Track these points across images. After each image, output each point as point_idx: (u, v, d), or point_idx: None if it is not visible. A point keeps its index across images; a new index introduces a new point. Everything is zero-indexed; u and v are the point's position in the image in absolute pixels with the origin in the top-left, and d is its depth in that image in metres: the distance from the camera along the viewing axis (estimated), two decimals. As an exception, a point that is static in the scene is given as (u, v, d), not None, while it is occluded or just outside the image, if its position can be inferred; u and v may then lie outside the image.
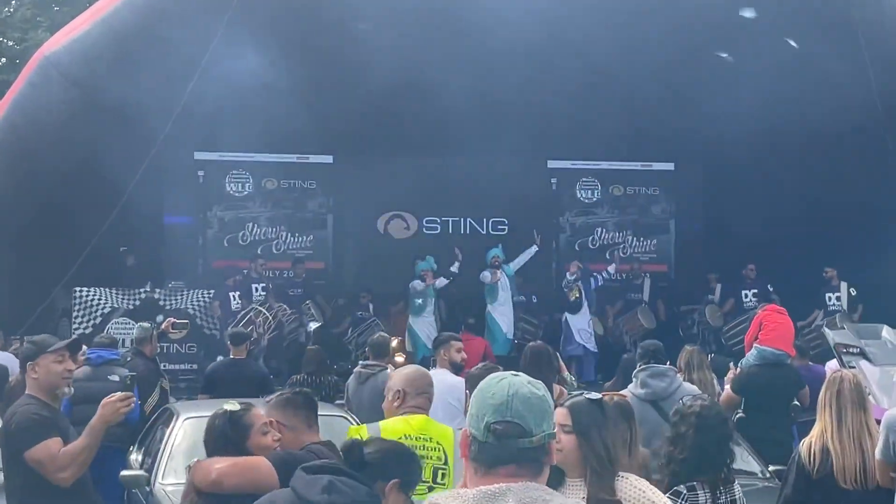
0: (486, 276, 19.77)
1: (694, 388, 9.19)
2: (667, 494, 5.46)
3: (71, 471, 6.34)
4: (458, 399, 8.65)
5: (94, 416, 6.46)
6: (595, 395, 5.12)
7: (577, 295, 20.35)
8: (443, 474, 5.86)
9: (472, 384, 6.53)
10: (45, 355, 6.61)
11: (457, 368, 10.09)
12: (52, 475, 6.32)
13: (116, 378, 10.88)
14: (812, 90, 17.82)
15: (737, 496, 6.15)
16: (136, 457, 11.03)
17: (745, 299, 20.44)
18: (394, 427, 5.87)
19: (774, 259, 20.78)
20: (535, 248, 20.55)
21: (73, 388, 9.12)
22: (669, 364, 9.68)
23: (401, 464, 4.75)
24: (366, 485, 4.27)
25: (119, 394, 6.46)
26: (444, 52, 18.41)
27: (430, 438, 5.98)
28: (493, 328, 19.54)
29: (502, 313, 19.76)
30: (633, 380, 9.21)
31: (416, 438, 5.72)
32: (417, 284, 19.67)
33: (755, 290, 20.36)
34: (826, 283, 19.80)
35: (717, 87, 18.45)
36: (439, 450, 5.92)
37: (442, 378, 7.88)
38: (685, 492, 5.99)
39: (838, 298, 19.27)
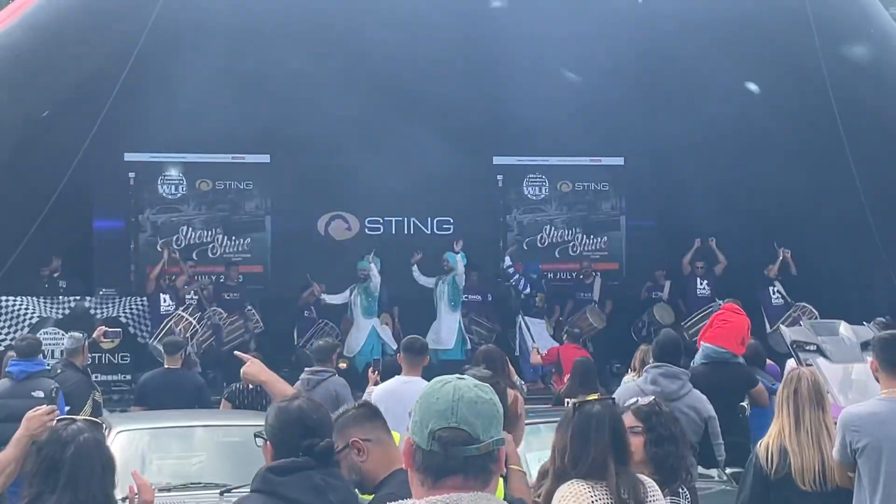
0: (428, 280, 19.35)
1: (702, 397, 8.99)
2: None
3: None
4: None
5: (19, 429, 6.00)
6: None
7: (544, 302, 20.65)
8: None
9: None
10: None
11: None
12: None
13: (41, 394, 10.27)
14: (763, 80, 17.64)
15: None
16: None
17: (699, 286, 20.47)
18: None
19: (726, 252, 20.68)
20: (460, 255, 20.04)
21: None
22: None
23: None
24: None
25: (44, 407, 5.97)
26: (386, 47, 18.25)
27: None
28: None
29: (445, 320, 19.51)
30: (644, 374, 9.03)
31: None
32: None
33: (707, 281, 20.37)
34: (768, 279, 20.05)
35: (667, 81, 18.21)
36: None
37: (417, 386, 7.32)
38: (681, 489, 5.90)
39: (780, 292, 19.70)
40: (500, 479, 4.55)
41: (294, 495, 4.26)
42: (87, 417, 4.99)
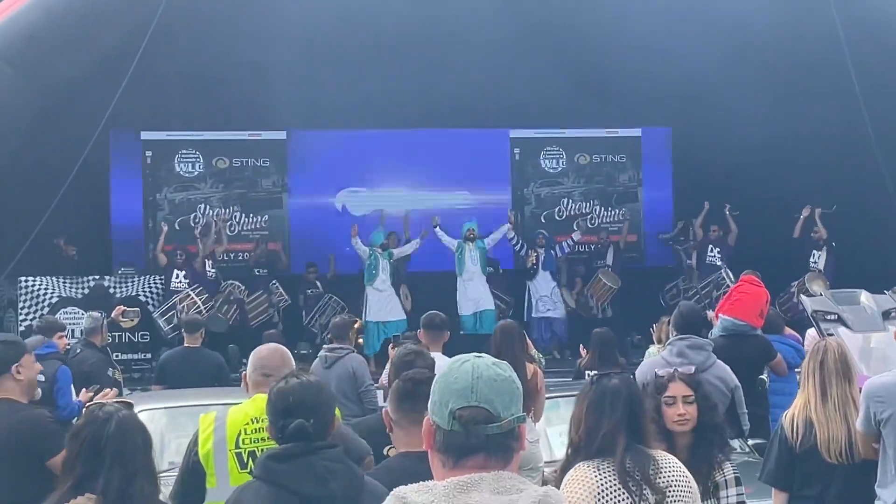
0: (452, 242, 19.14)
1: (727, 368, 8.88)
2: None
3: None
4: None
5: None
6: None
7: (534, 262, 19.89)
8: None
9: (394, 366, 6.61)
10: (28, 355, 6.51)
11: None
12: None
13: (42, 378, 10.24)
14: (779, 45, 17.43)
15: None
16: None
17: (709, 253, 20.33)
18: (242, 410, 5.48)
19: (744, 223, 20.50)
20: (507, 226, 19.88)
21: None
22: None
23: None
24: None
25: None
26: (402, 21, 18.04)
27: None
28: (460, 303, 19.04)
29: (471, 287, 19.16)
30: (669, 347, 8.87)
31: (263, 420, 5.23)
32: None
33: (719, 249, 20.26)
34: (812, 242, 19.82)
35: (683, 48, 18.04)
36: None
37: (439, 361, 7.28)
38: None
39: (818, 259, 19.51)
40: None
41: (295, 485, 4.22)
42: (119, 399, 4.99)
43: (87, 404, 4.91)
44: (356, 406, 10.82)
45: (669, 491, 4.72)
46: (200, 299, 17.92)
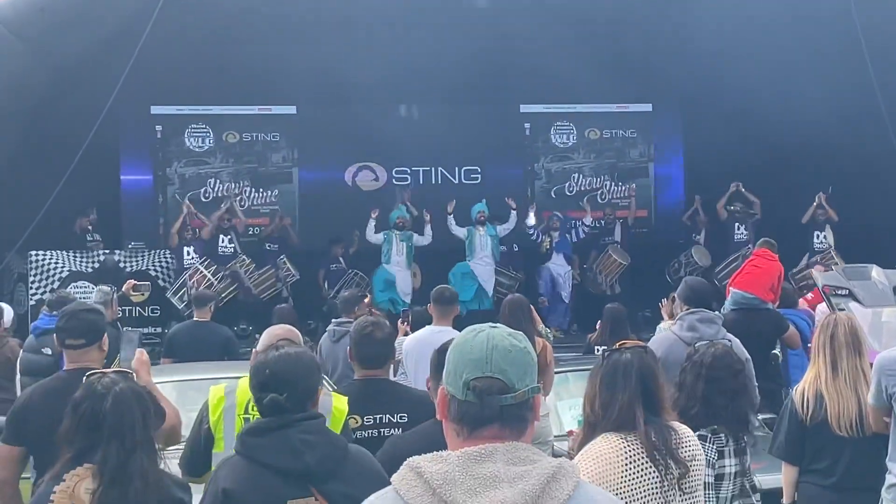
0: (461, 231, 19.13)
1: (737, 341, 8.76)
2: None
3: None
4: None
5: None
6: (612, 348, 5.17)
7: (548, 246, 19.87)
8: None
9: (353, 339, 6.68)
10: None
11: None
12: None
13: (49, 351, 10.29)
14: (792, 20, 17.43)
15: (745, 442, 6.01)
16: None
17: (736, 231, 20.17)
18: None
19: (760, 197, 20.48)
20: (514, 214, 19.83)
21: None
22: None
23: None
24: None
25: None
26: None
27: None
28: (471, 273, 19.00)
29: (482, 270, 19.19)
30: (679, 322, 8.73)
31: None
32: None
33: (744, 227, 20.15)
34: (816, 223, 19.71)
35: (694, 23, 17.96)
36: None
37: (448, 336, 7.28)
38: (710, 435, 5.84)
39: (825, 237, 19.40)
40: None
41: (269, 459, 4.20)
42: (119, 368, 4.98)
43: (88, 374, 4.90)
44: (364, 380, 10.83)
45: (692, 465, 4.77)
46: (209, 271, 17.92)
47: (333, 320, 11.64)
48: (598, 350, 11.46)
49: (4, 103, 17.14)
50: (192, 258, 18.63)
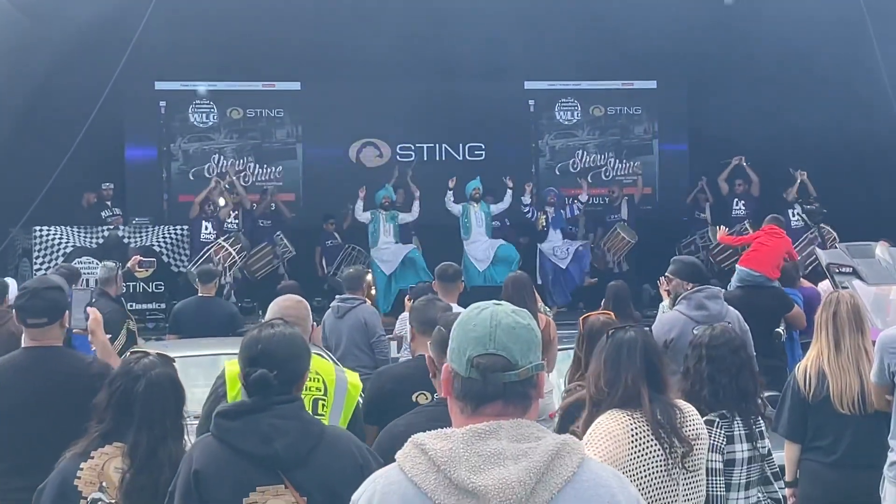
0: (456, 208, 19.05)
1: (738, 315, 8.82)
2: None
3: None
4: None
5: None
6: (618, 327, 5.17)
7: (544, 223, 19.81)
8: (322, 405, 5.52)
9: (415, 317, 6.47)
10: None
11: None
12: None
13: None
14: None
15: (762, 427, 5.95)
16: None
17: (735, 207, 20.18)
18: None
19: (760, 175, 20.36)
20: (510, 193, 19.72)
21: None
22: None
23: None
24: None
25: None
26: None
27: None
28: (467, 264, 18.83)
29: (477, 248, 19.12)
30: (685, 301, 8.71)
31: None
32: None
33: (744, 202, 20.12)
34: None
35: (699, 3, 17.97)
36: (318, 380, 5.50)
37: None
38: (718, 420, 5.80)
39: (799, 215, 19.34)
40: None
41: (238, 443, 4.08)
42: (160, 352, 4.94)
43: (132, 351, 4.89)
44: (368, 356, 10.86)
45: (696, 444, 4.81)
46: (234, 249, 17.91)
47: (337, 297, 11.66)
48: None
49: (8, 79, 17.11)
50: (210, 233, 18.60)
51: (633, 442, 4.66)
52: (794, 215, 19.29)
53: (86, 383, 5.65)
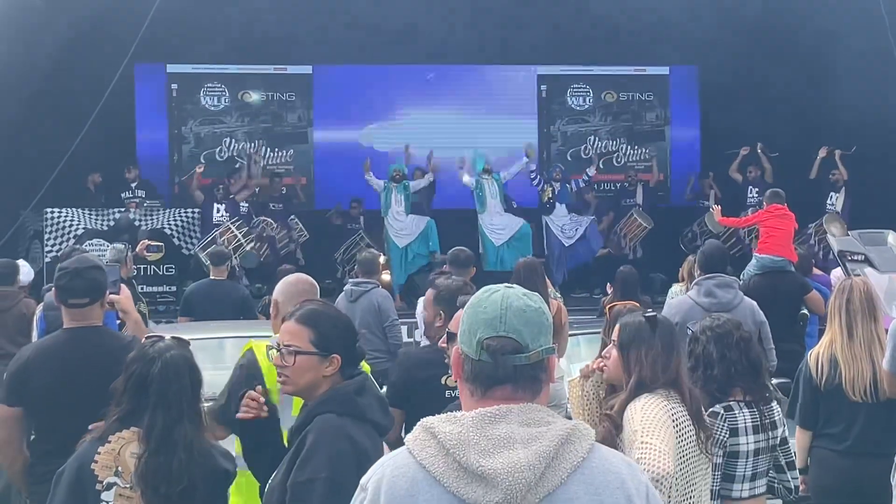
0: (471, 181, 18.94)
1: (753, 304, 8.82)
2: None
3: None
4: None
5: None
6: (651, 313, 5.12)
7: (550, 196, 19.70)
8: None
9: (441, 299, 6.35)
10: None
11: None
12: None
13: None
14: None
15: (776, 417, 5.82)
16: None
17: (749, 194, 20.04)
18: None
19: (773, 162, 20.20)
20: (525, 160, 19.66)
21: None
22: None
23: None
24: None
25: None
26: None
27: None
28: (483, 237, 18.82)
29: (493, 220, 19.00)
30: (696, 287, 8.77)
31: None
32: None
33: (758, 189, 19.83)
34: (830, 184, 19.43)
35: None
36: None
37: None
38: (722, 412, 5.67)
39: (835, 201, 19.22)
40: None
41: (376, 418, 4.15)
42: (176, 335, 4.93)
43: (147, 336, 4.88)
44: (380, 341, 10.85)
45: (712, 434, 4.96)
46: (241, 232, 17.90)
47: (350, 280, 11.68)
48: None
49: (21, 61, 17.10)
50: (222, 216, 18.60)
51: (675, 425, 4.74)
52: (831, 198, 19.21)
53: None
